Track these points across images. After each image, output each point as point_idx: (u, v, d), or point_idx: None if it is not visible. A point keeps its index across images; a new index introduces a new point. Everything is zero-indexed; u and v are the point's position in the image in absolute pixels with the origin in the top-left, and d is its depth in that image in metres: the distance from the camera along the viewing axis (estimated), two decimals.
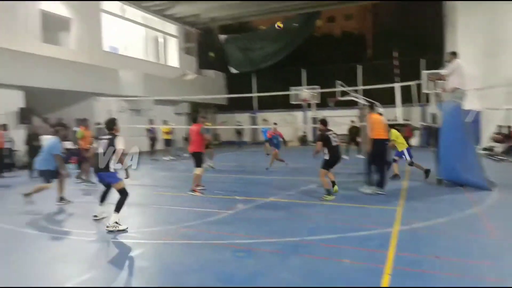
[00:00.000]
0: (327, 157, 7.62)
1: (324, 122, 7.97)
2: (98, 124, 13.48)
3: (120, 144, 5.77)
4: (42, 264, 4.40)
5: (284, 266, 4.08)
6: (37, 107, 17.16)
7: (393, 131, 9.63)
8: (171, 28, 24.51)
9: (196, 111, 24.43)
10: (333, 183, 7.94)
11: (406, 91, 11.62)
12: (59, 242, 5.24)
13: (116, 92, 17.67)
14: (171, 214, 6.69)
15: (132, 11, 21.33)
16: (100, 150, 5.76)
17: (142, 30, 22.27)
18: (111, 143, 5.72)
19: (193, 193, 8.09)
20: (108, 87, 16.23)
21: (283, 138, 12.78)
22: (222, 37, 26.45)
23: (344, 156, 14.39)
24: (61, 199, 7.46)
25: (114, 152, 5.66)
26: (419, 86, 19.67)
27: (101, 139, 5.99)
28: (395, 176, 9.68)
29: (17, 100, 14.40)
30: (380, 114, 8.78)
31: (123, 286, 3.74)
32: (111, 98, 13.99)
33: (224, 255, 4.46)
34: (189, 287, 3.65)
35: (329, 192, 7.44)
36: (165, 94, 19.91)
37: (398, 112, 9.93)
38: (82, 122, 10.57)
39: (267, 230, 5.43)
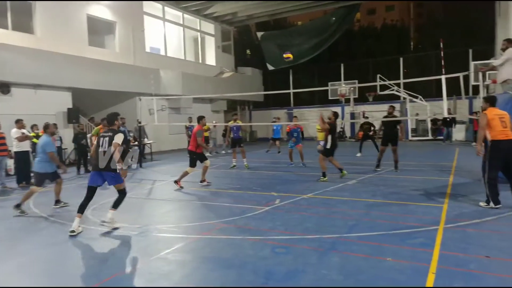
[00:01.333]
0: (328, 145, 9.14)
1: (336, 114, 9.66)
2: (139, 122, 13.99)
3: (118, 139, 5.41)
4: (88, 259, 4.64)
5: (323, 263, 4.03)
6: (83, 107, 18.11)
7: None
8: (209, 27, 24.90)
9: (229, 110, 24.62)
10: (341, 170, 9.34)
11: (453, 83, 11.05)
12: (101, 237, 5.49)
13: (157, 92, 18.24)
14: (210, 209, 6.81)
15: (171, 12, 21.91)
16: (101, 149, 5.45)
17: (181, 30, 22.79)
18: (111, 140, 5.42)
19: (176, 184, 8.78)
20: (149, 86, 16.77)
21: (302, 132, 12.71)
22: (259, 34, 26.49)
23: (358, 154, 14.03)
24: (57, 202, 7.22)
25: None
26: (467, 78, 18.77)
27: (103, 136, 5.60)
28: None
29: (66, 101, 15.30)
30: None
31: (164, 279, 3.86)
32: (152, 98, 14.47)
33: (263, 251, 4.47)
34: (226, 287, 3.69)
35: (324, 175, 9.02)
36: (203, 92, 20.32)
37: (444, 105, 9.45)
38: (102, 120, 10.55)
39: (306, 227, 5.40)
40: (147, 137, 16.45)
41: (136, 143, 14.35)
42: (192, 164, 8.94)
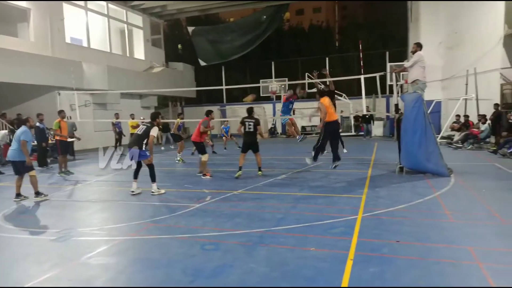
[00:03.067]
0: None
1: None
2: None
3: (154, 132, 7.41)
4: (3, 264, 4.22)
5: (251, 257, 4.12)
6: None
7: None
8: (137, 19, 23.84)
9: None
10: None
11: (373, 83, 11.94)
12: (19, 241, 5.04)
13: (80, 86, 17.07)
14: (138, 209, 6.58)
15: (94, 2, 20.55)
16: (139, 132, 7.50)
17: (105, 20, 21.50)
18: (148, 129, 7.42)
19: (204, 177, 9.24)
20: (71, 80, 15.62)
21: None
22: (190, 29, 26.04)
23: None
24: (18, 195, 7.34)
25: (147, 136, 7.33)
26: (384, 78, 20.37)
27: (143, 124, 7.73)
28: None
29: None
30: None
31: (85, 285, 3.65)
32: (74, 92, 13.49)
33: (192, 249, 4.44)
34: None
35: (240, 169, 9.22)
36: (131, 87, 19.46)
37: (363, 103, 10.18)
38: (59, 113, 10.99)
39: (236, 222, 5.47)
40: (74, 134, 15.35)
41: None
42: (203, 152, 9.49)
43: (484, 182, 7.83)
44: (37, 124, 11.82)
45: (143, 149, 7.37)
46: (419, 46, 8.85)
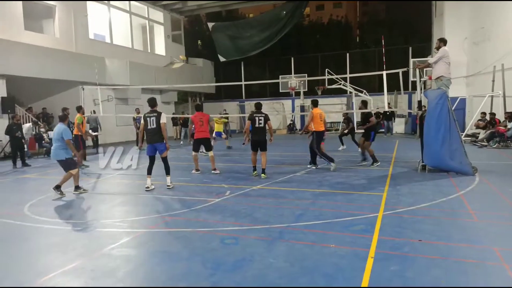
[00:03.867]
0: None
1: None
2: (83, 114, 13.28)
3: (163, 119, 7.29)
4: (28, 253, 4.37)
5: (271, 252, 4.13)
6: (20, 96, 16.85)
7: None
8: (158, 15, 24.11)
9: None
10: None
11: (394, 79, 11.69)
12: (45, 231, 5.20)
13: (103, 81, 17.42)
14: (158, 203, 6.68)
15: None
16: (153, 125, 7.28)
17: (127, 17, 21.83)
18: (158, 119, 7.27)
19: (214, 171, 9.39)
20: (94, 75, 15.93)
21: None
22: (210, 24, 26.11)
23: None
24: (77, 188, 7.53)
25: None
26: (407, 74, 19.99)
27: (149, 116, 7.37)
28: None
29: None
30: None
31: (108, 276, 3.75)
32: (97, 87, 13.77)
33: (212, 242, 4.49)
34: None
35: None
36: (152, 82, 19.74)
37: (385, 99, 10.01)
38: (79, 109, 11.12)
39: (255, 217, 5.49)
40: (100, 128, 15.73)
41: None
42: (211, 148, 9.70)
43: (510, 181, 7.58)
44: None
45: (162, 141, 7.43)
46: (443, 41, 8.63)
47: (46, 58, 15.27)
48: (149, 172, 7.62)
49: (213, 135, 14.92)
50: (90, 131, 14.13)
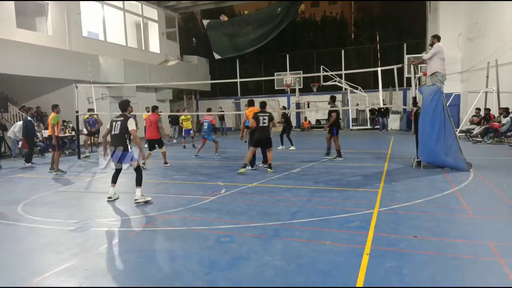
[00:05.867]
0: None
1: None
2: (77, 112, 13.20)
3: (131, 125, 6.30)
4: (22, 253, 4.33)
5: (267, 250, 4.11)
6: (13, 95, 16.68)
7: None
8: (152, 12, 23.95)
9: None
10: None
11: (389, 75, 11.72)
12: (39, 231, 5.15)
13: (97, 79, 17.29)
14: (154, 201, 6.64)
15: None
16: (116, 131, 6.33)
17: (121, 14, 21.66)
18: (124, 123, 6.31)
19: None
20: (87, 73, 15.79)
21: (213, 125, 13.15)
22: (205, 22, 25.97)
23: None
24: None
25: (127, 132, 6.30)
26: (402, 71, 20.04)
27: (115, 120, 6.45)
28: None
29: None
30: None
31: (102, 275, 3.71)
32: (91, 85, 13.66)
33: (207, 241, 4.46)
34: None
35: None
36: (146, 80, 19.62)
37: (380, 96, 10.02)
38: (55, 107, 10.25)
39: (251, 215, 5.47)
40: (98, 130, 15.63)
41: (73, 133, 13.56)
42: (161, 145, 10.26)
43: (505, 177, 7.62)
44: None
45: (129, 150, 6.37)
46: (436, 38, 8.66)
47: (39, 56, 15.12)
48: (114, 180, 6.67)
49: (183, 133, 15.54)
50: (84, 130, 14.05)
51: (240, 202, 6.27)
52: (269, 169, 8.86)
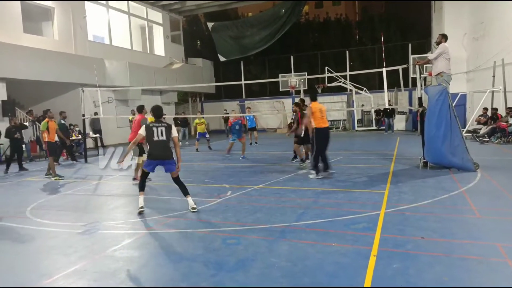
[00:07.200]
0: (302, 134, 9.46)
1: (297, 104, 9.98)
2: (83, 115, 13.30)
3: (175, 131, 5.99)
4: (31, 256, 4.37)
5: (273, 252, 4.12)
6: (20, 99, 16.85)
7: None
8: (157, 15, 24.10)
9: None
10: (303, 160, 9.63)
11: (394, 76, 11.66)
12: (47, 234, 5.20)
13: (103, 83, 17.42)
14: (160, 204, 6.68)
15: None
16: (162, 137, 5.81)
17: (126, 18, 21.82)
18: (169, 129, 5.89)
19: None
20: (93, 77, 15.90)
21: (244, 125, 12.91)
22: (210, 24, 26.09)
23: None
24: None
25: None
26: (407, 71, 19.95)
27: (156, 126, 5.87)
28: None
29: None
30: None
31: (111, 277, 3.74)
32: (97, 89, 13.77)
33: (213, 243, 4.48)
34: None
35: (303, 161, 9.67)
36: (152, 83, 19.73)
37: (385, 97, 9.98)
38: (46, 113, 10.15)
39: (257, 217, 5.48)
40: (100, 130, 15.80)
41: (80, 137, 13.65)
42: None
43: None
44: (61, 121, 12.17)
45: (174, 157, 5.98)
46: (444, 37, 8.61)
47: (45, 60, 15.28)
48: (142, 187, 6.10)
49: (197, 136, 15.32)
50: (90, 133, 14.15)
51: (246, 204, 6.28)
52: (303, 164, 9.55)
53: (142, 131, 5.88)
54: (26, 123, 14.54)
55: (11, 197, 7.92)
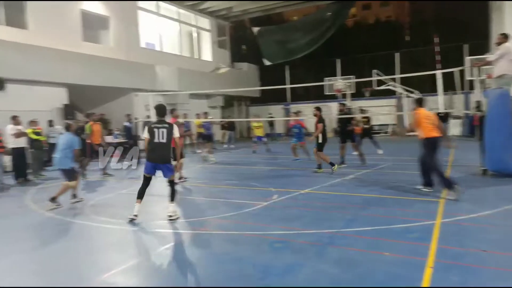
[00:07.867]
0: (320, 140, 9.45)
1: (319, 109, 9.87)
2: (136, 119, 13.93)
3: (176, 132, 5.66)
4: (90, 251, 4.64)
5: (322, 257, 4.06)
6: (79, 103, 17.99)
7: None
8: (204, 22, 24.77)
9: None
10: (332, 164, 9.44)
11: (448, 78, 11.10)
12: (104, 230, 5.49)
13: (153, 87, 18.15)
14: (208, 205, 6.82)
15: (166, 7, 21.75)
16: (162, 139, 5.55)
17: (176, 25, 22.65)
18: (170, 131, 5.59)
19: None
20: (145, 82, 16.68)
21: (305, 128, 12.58)
22: (255, 29, 26.36)
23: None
24: (74, 196, 7.17)
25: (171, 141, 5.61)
26: (462, 73, 18.85)
27: (157, 127, 5.63)
28: None
29: (61, 97, 15.15)
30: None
31: (162, 275, 3.87)
32: (148, 93, 14.38)
33: (260, 246, 4.49)
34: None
35: (320, 167, 9.57)
36: (199, 88, 20.24)
37: (440, 100, 9.50)
38: (88, 116, 10.57)
39: (304, 222, 5.42)
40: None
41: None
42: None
43: None
44: (126, 124, 12.64)
45: (172, 161, 5.77)
46: (506, 37, 8.04)
47: (102, 67, 16.22)
48: (141, 195, 5.80)
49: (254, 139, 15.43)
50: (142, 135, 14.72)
51: (292, 208, 6.24)
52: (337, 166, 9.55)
53: (145, 134, 5.67)
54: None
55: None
